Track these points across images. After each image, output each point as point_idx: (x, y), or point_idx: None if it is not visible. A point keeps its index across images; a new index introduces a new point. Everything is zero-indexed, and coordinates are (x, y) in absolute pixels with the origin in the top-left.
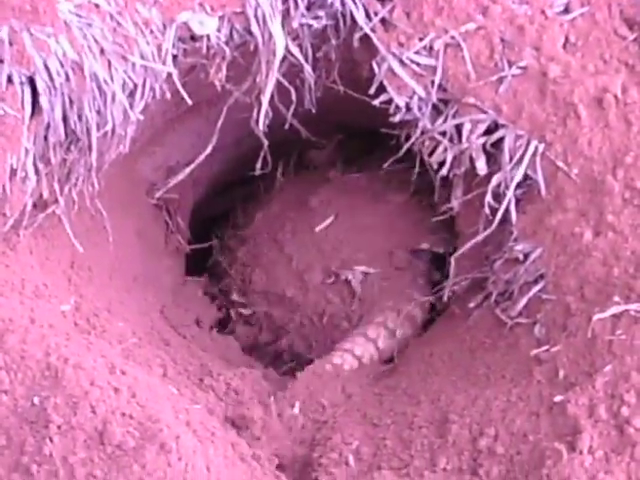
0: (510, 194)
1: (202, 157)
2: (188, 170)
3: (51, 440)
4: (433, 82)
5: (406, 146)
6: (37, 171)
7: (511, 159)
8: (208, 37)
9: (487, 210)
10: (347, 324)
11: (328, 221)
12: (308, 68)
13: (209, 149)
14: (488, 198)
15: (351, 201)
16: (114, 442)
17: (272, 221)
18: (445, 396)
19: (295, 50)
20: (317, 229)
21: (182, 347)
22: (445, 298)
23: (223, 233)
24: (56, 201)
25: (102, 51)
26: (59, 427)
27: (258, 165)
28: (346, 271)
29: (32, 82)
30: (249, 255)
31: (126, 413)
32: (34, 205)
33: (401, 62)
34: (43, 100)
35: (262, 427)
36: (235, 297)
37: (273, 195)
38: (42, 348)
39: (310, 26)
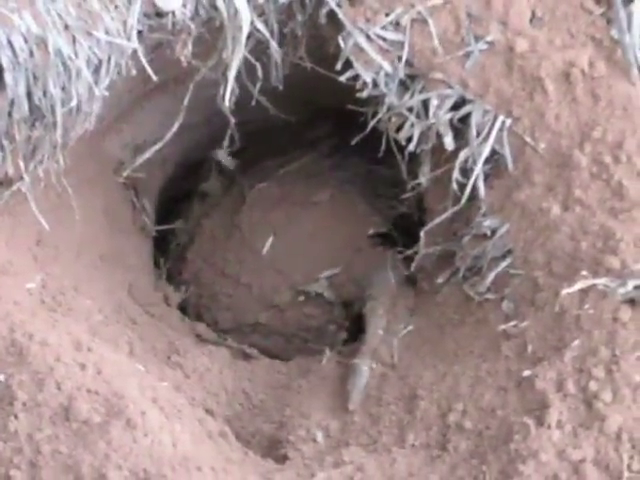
0: (478, 169)
1: (169, 135)
2: (155, 148)
3: (16, 417)
4: (400, 57)
5: (373, 122)
6: (2, 148)
7: (478, 134)
8: (173, 13)
9: (455, 186)
10: (334, 327)
11: (270, 240)
12: (274, 44)
13: (175, 127)
14: (455, 174)
15: (279, 214)
16: (80, 418)
17: (208, 256)
18: (414, 372)
19: (261, 26)
20: (264, 251)
21: (149, 325)
22: (412, 269)
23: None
24: (21, 178)
25: (66, 26)
26: (24, 404)
27: (225, 143)
28: (312, 285)
29: None
30: (200, 297)
31: (92, 389)
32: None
33: (367, 37)
34: (7, 76)
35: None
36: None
37: (193, 230)
38: (7, 325)
39: (276, 1)
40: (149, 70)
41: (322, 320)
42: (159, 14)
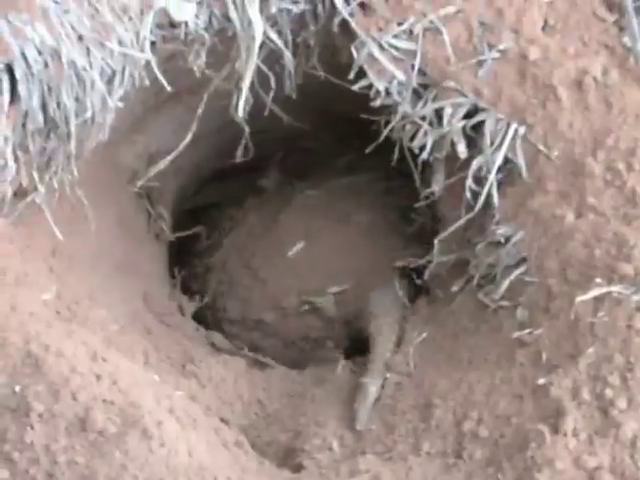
0: (492, 178)
1: (182, 145)
2: (169, 158)
3: (32, 428)
4: (413, 66)
5: (386, 130)
6: (16, 159)
7: (492, 142)
8: (186, 23)
9: (468, 194)
10: (332, 343)
11: (299, 246)
12: (288, 53)
13: (189, 137)
14: (469, 182)
15: (317, 223)
16: (96, 429)
17: (241, 247)
18: (428, 380)
19: (274, 36)
20: (290, 254)
21: (164, 335)
22: (426, 277)
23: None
24: (36, 189)
25: (80, 38)
26: (40, 415)
27: (239, 153)
28: (319, 297)
29: (10, 70)
30: (220, 283)
31: (107, 400)
32: (14, 194)
33: (380, 47)
34: (21, 88)
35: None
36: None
37: (238, 219)
38: (23, 336)
39: (289, 11)
40: (163, 81)
41: (321, 334)
42: (172, 25)
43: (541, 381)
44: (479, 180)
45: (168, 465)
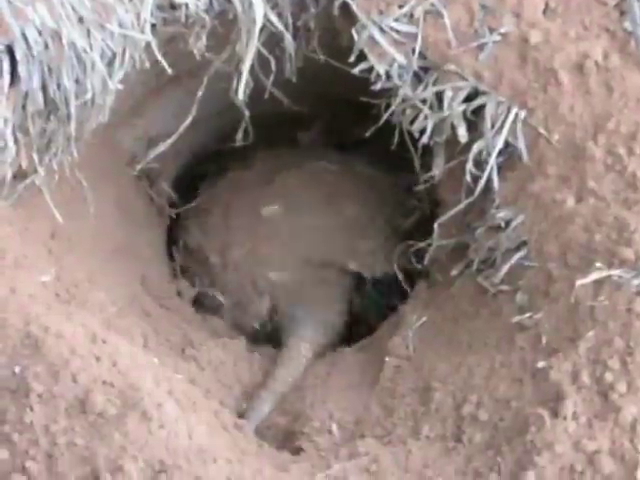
0: (492, 162)
1: (182, 128)
2: (169, 142)
3: (32, 409)
4: (413, 49)
5: (387, 114)
6: (16, 141)
7: (492, 126)
8: (187, 5)
9: (469, 178)
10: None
11: (274, 207)
12: (288, 36)
13: (189, 120)
14: (469, 166)
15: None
16: (96, 410)
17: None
18: (428, 364)
19: (274, 18)
20: (262, 212)
21: (163, 318)
22: (426, 261)
23: None
24: (35, 171)
25: (80, 19)
26: (40, 396)
27: (239, 136)
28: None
29: (10, 51)
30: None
31: (107, 381)
32: (13, 176)
33: (381, 30)
34: (21, 69)
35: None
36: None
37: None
38: (22, 317)
39: None
40: (163, 63)
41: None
42: (173, 6)
43: (541, 365)
44: (479, 164)
45: (168, 447)
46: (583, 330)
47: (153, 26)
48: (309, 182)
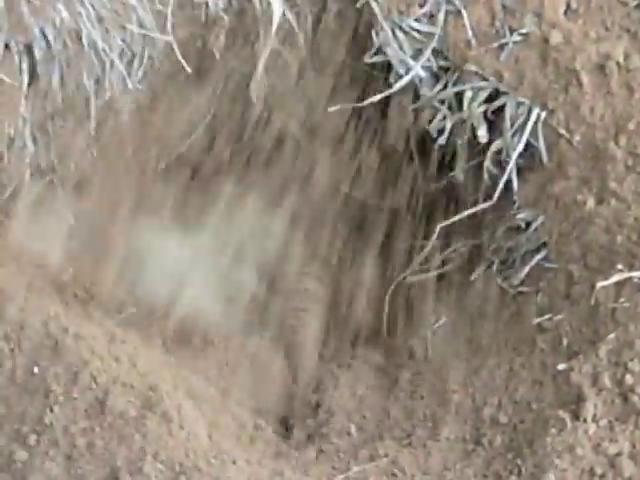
0: (512, 163)
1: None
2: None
3: (51, 410)
4: (434, 49)
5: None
6: (35, 140)
7: (512, 127)
8: (207, 4)
9: (487, 178)
10: None
11: None
12: (302, 36)
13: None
14: (488, 164)
15: None
16: (115, 411)
17: None
18: (447, 366)
19: (291, 16)
20: None
21: None
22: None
23: None
24: (54, 171)
25: (100, 19)
26: (59, 397)
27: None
28: None
29: (29, 51)
30: None
31: (127, 383)
32: (32, 174)
33: (401, 29)
34: (40, 68)
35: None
36: None
37: None
38: (41, 318)
39: None
40: (183, 62)
41: None
42: (193, 6)
43: (561, 367)
44: (499, 165)
45: (187, 448)
46: (604, 332)
47: (172, 25)
48: None
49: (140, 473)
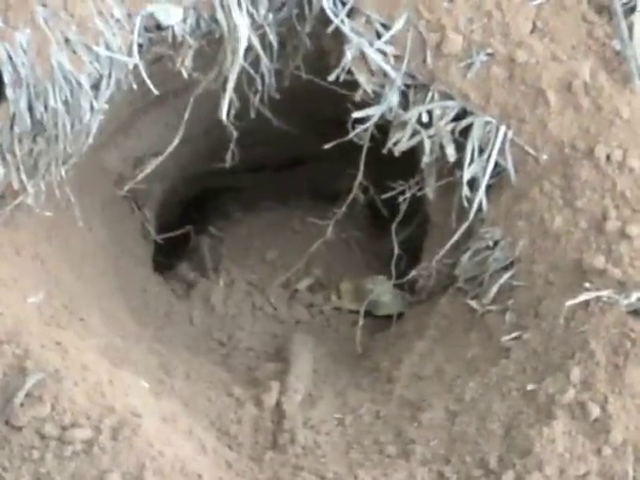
0: (483, 185)
1: (170, 149)
2: (156, 162)
3: None
4: (401, 69)
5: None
6: (4, 161)
7: (481, 147)
8: (173, 27)
9: (459, 200)
10: None
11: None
12: (265, 60)
13: (176, 141)
14: (464, 190)
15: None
16: (83, 435)
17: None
18: (420, 383)
19: (255, 41)
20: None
21: (154, 340)
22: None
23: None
24: (24, 191)
25: (67, 41)
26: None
27: (228, 157)
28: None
29: None
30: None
31: (97, 403)
32: (2, 196)
33: (369, 49)
34: (8, 91)
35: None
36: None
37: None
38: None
39: (276, 13)
40: (150, 84)
41: None
42: (159, 27)
43: (530, 386)
44: (468, 185)
45: (155, 466)
46: (572, 350)
47: (140, 47)
48: None
49: None
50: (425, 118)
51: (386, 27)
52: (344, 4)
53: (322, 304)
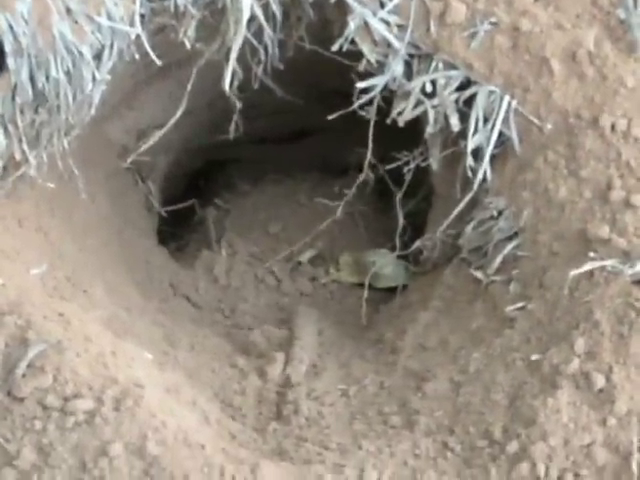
0: (487, 155)
1: (173, 121)
2: (159, 134)
3: None
4: (405, 39)
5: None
6: (7, 132)
7: (484, 115)
8: None
9: (469, 172)
10: None
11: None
12: (269, 31)
13: (179, 112)
14: (469, 161)
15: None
16: (85, 405)
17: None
18: (424, 354)
19: (258, 10)
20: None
21: (158, 312)
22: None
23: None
24: (27, 162)
25: (68, 11)
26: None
27: (231, 128)
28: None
29: None
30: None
31: (101, 375)
32: (4, 167)
33: (373, 19)
34: (10, 61)
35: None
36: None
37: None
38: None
39: None
40: (152, 55)
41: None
42: None
43: (534, 356)
44: (473, 154)
45: (158, 437)
46: (577, 320)
47: (142, 17)
48: None
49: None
50: (429, 88)
51: None
52: None
53: (323, 277)
